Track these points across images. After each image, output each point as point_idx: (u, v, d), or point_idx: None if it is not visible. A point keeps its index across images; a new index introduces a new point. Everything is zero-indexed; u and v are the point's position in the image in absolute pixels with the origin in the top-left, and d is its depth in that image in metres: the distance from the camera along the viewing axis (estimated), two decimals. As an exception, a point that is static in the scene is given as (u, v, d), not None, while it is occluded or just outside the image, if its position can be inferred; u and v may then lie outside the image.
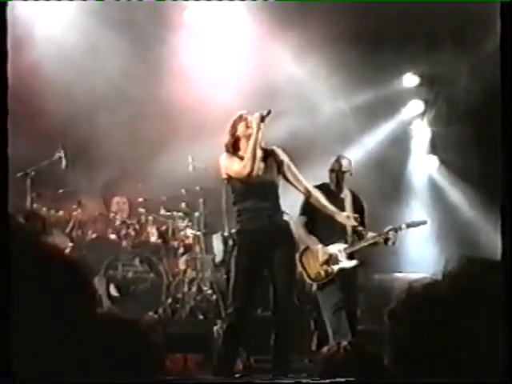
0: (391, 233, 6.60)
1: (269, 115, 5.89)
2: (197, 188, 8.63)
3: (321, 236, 6.67)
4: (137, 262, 8.45)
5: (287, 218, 6.08)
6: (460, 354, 1.42)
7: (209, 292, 8.35)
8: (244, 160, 5.87)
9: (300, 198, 6.58)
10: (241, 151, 5.96)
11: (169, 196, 9.10)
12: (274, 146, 6.13)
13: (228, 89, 9.05)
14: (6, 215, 1.41)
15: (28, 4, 8.54)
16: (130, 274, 8.37)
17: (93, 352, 1.37)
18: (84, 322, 1.35)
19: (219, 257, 8.86)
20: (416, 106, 10.61)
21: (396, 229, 6.65)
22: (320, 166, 7.23)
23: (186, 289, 8.39)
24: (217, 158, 6.06)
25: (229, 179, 6.02)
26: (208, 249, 8.96)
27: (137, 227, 8.93)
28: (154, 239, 9.09)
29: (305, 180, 6.16)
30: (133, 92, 8.98)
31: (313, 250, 6.68)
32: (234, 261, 5.93)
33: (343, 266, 6.62)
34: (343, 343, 2.61)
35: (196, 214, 8.85)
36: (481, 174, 9.47)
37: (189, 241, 8.97)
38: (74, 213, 8.64)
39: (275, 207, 5.98)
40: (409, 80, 10.44)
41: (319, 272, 6.63)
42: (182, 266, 8.75)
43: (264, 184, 5.94)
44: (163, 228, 9.14)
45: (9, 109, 1.53)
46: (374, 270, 8.62)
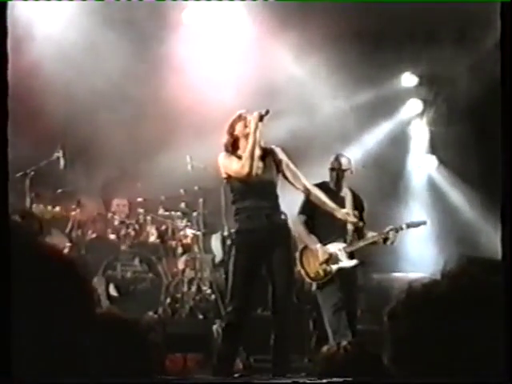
0: (391, 233, 6.60)
1: (267, 115, 5.89)
2: (196, 188, 8.62)
3: (320, 235, 6.67)
4: (136, 262, 8.44)
5: (286, 218, 6.08)
6: (460, 354, 1.42)
7: (208, 292, 8.34)
8: (242, 159, 5.86)
9: (299, 198, 6.58)
10: (240, 150, 5.96)
11: (168, 196, 9.09)
12: (273, 146, 6.13)
13: (227, 89, 9.04)
14: (6, 215, 1.41)
15: (28, 4, 8.54)
16: (129, 274, 8.36)
17: (92, 352, 1.37)
18: (83, 322, 1.35)
19: (219, 257, 8.86)
20: (415, 106, 10.62)
21: (397, 229, 6.65)
22: (320, 165, 7.22)
23: (186, 289, 8.38)
24: (216, 158, 6.06)
25: (228, 178, 6.02)
26: (207, 249, 8.96)
27: (136, 227, 8.92)
28: (154, 239, 9.08)
29: (304, 178, 6.16)
30: (132, 92, 8.97)
31: (312, 249, 6.67)
32: (233, 260, 5.93)
33: (343, 266, 6.62)
34: (343, 343, 2.61)
35: (195, 214, 8.84)
36: (480, 174, 9.47)
37: (188, 241, 8.96)
38: (73, 213, 8.62)
39: (274, 206, 5.97)
40: (408, 79, 10.44)
41: (318, 271, 6.63)
42: (181, 266, 8.75)
43: (263, 183, 5.94)
44: (162, 228, 9.13)
45: (8, 109, 1.52)
46: (373, 270, 8.62)
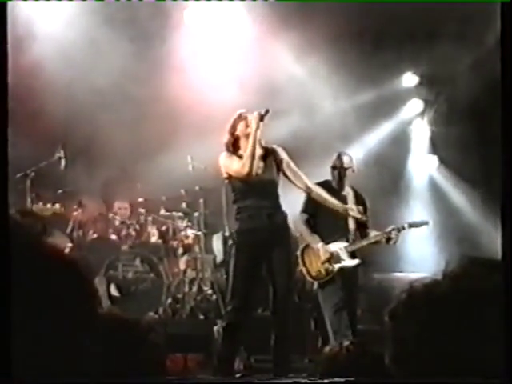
0: (394, 232, 6.59)
1: (267, 114, 5.88)
2: (196, 188, 8.62)
3: (322, 234, 6.65)
4: (137, 263, 8.44)
5: (286, 217, 6.07)
6: (460, 354, 1.42)
7: (209, 292, 8.34)
8: (243, 159, 5.86)
9: (300, 197, 6.58)
10: (241, 150, 5.95)
11: (169, 196, 9.09)
12: (274, 145, 6.13)
13: (228, 88, 9.04)
14: (7, 216, 1.41)
15: (28, 4, 8.54)
16: (131, 274, 8.36)
17: (93, 352, 1.37)
18: (84, 323, 1.35)
19: (220, 257, 8.85)
20: (416, 106, 10.61)
21: (399, 228, 6.63)
22: (320, 165, 7.22)
23: (187, 289, 8.38)
24: (216, 158, 6.06)
25: (229, 178, 6.02)
26: (208, 249, 8.95)
27: (137, 227, 8.92)
28: (155, 239, 9.08)
29: (305, 177, 6.15)
30: (133, 92, 8.96)
31: (314, 248, 6.66)
32: (233, 259, 5.93)
33: (345, 265, 6.61)
34: (345, 343, 2.60)
35: (196, 214, 8.84)
36: (481, 174, 9.47)
37: (189, 241, 8.96)
38: (75, 213, 8.61)
39: (275, 206, 5.97)
40: (409, 79, 10.43)
41: (320, 270, 6.61)
42: (183, 266, 8.74)
43: (264, 183, 5.93)
44: (163, 228, 9.13)
45: (9, 109, 1.52)
46: (374, 270, 8.60)
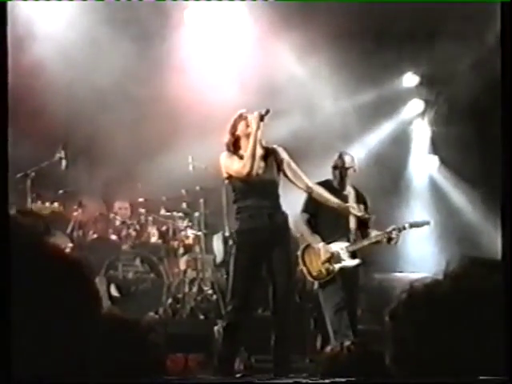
0: (394, 232, 6.58)
1: (268, 114, 5.88)
2: (197, 188, 8.62)
3: (323, 233, 6.64)
4: (137, 263, 8.43)
5: (287, 217, 6.06)
6: (461, 354, 1.42)
7: (209, 292, 8.33)
8: (244, 159, 5.85)
9: (300, 197, 6.57)
10: (241, 150, 5.95)
11: (169, 196, 9.09)
12: (275, 145, 6.12)
13: (229, 88, 9.04)
14: (7, 215, 1.41)
15: (29, 4, 8.54)
16: (131, 275, 8.35)
17: (93, 352, 1.37)
18: (85, 323, 1.35)
19: (220, 257, 8.85)
20: (416, 106, 10.61)
21: (400, 228, 6.62)
22: (321, 165, 7.22)
23: (187, 289, 8.37)
24: (217, 158, 6.06)
25: (229, 178, 6.02)
26: (208, 249, 8.95)
27: (137, 227, 8.92)
28: (155, 239, 9.07)
29: (306, 177, 6.15)
30: (133, 92, 8.96)
31: (314, 248, 6.65)
32: (233, 259, 5.92)
33: (345, 265, 6.60)
34: (346, 343, 2.60)
35: (196, 215, 8.84)
36: (482, 174, 9.46)
37: (189, 241, 8.96)
38: (75, 213, 8.61)
39: (275, 206, 5.97)
40: (410, 79, 10.43)
41: (321, 270, 6.60)
42: (183, 267, 8.74)
43: (264, 183, 5.93)
44: (164, 228, 9.13)
45: (9, 109, 1.52)
46: (375, 270, 8.60)
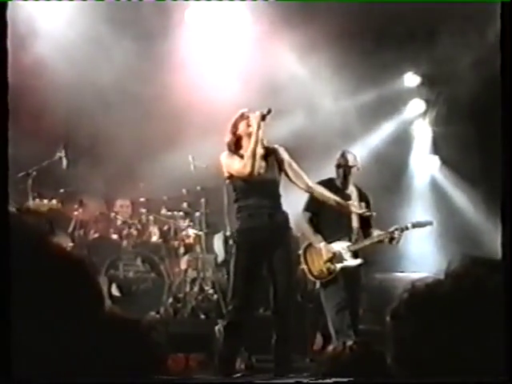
0: (397, 232, 6.56)
1: (269, 114, 5.87)
2: (198, 188, 8.61)
3: (325, 233, 6.61)
4: (138, 262, 8.43)
5: (287, 217, 6.05)
6: (461, 354, 1.42)
7: (210, 292, 8.33)
8: (244, 159, 5.85)
9: (301, 197, 6.57)
10: (242, 150, 5.94)
11: (170, 196, 9.09)
12: (276, 145, 6.11)
13: (230, 88, 9.04)
14: (7, 215, 1.41)
15: (29, 3, 8.54)
16: (132, 274, 8.35)
17: (94, 352, 1.37)
18: (85, 322, 1.35)
19: (221, 256, 8.85)
20: (417, 106, 10.61)
21: (402, 228, 6.61)
22: (323, 164, 7.21)
23: (188, 288, 8.37)
24: (218, 158, 6.05)
25: (230, 177, 6.01)
26: (209, 248, 8.95)
27: (138, 227, 8.92)
28: (156, 239, 9.07)
29: (306, 177, 6.14)
30: (134, 92, 8.96)
31: (316, 247, 6.64)
32: (234, 259, 5.92)
33: (347, 265, 6.59)
34: (349, 343, 2.59)
35: (197, 214, 8.84)
36: (482, 173, 9.46)
37: (190, 240, 8.96)
38: (76, 213, 8.61)
39: (276, 205, 5.96)
40: (410, 79, 10.43)
41: (322, 269, 6.58)
42: (184, 266, 8.74)
43: (265, 182, 5.92)
44: (165, 228, 9.13)
45: (10, 108, 1.52)
46: (376, 269, 8.59)
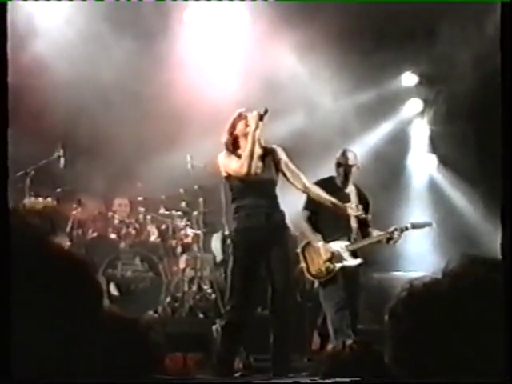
0: (396, 233, 6.56)
1: (266, 114, 5.86)
2: (196, 187, 8.61)
3: (324, 232, 6.60)
4: (137, 261, 8.43)
5: (284, 216, 6.04)
6: (460, 354, 1.42)
7: (208, 291, 8.33)
8: (242, 158, 5.85)
9: (299, 197, 6.56)
10: (240, 150, 5.94)
11: (168, 195, 9.09)
12: (274, 145, 6.11)
13: (229, 87, 9.04)
14: (7, 215, 1.41)
15: (28, 3, 8.53)
16: (130, 273, 8.36)
17: (92, 351, 1.37)
18: (84, 322, 1.35)
19: (219, 256, 8.85)
20: (416, 105, 10.61)
21: (402, 229, 6.61)
22: (321, 163, 7.20)
23: (186, 288, 8.37)
24: (216, 157, 6.05)
25: (227, 177, 6.01)
26: (207, 248, 8.95)
27: (136, 226, 8.92)
28: (154, 238, 9.07)
29: (304, 178, 6.13)
30: (133, 91, 8.96)
31: (315, 247, 6.63)
32: (232, 258, 5.92)
33: (347, 265, 6.58)
34: (348, 342, 2.60)
35: (195, 213, 8.84)
36: (481, 173, 9.46)
37: (188, 240, 8.96)
38: (74, 212, 8.61)
39: (273, 205, 5.95)
40: (409, 79, 10.43)
41: (321, 269, 6.57)
42: (182, 265, 8.73)
43: (262, 182, 5.92)
44: (163, 227, 9.12)
45: (9, 108, 1.52)
46: (374, 269, 8.59)
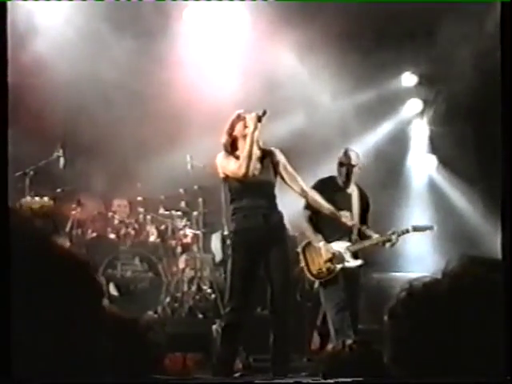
0: (394, 236, 6.56)
1: (265, 115, 5.86)
2: (195, 187, 8.61)
3: (325, 232, 6.59)
4: (136, 262, 8.44)
5: (282, 217, 6.04)
6: (460, 354, 1.42)
7: (208, 291, 8.33)
8: (240, 160, 5.85)
9: (299, 197, 6.55)
10: (238, 151, 5.93)
11: (168, 195, 9.09)
12: (273, 147, 6.11)
13: (228, 88, 9.04)
14: (7, 214, 1.41)
15: (28, 2, 8.53)
16: (129, 274, 8.36)
17: (92, 351, 1.37)
18: (83, 322, 1.35)
19: (218, 256, 8.85)
20: (415, 105, 10.60)
21: (403, 231, 6.61)
22: (320, 163, 7.20)
23: (186, 288, 8.37)
24: (216, 157, 6.05)
25: (226, 178, 6.01)
26: (207, 248, 8.95)
27: (136, 226, 8.92)
28: (154, 238, 9.06)
29: (301, 181, 6.13)
30: (133, 91, 8.96)
31: (316, 247, 6.62)
32: (231, 260, 5.93)
33: (348, 266, 6.57)
34: (348, 342, 2.59)
35: (195, 214, 8.84)
36: (480, 173, 9.46)
37: (188, 240, 8.96)
38: (73, 212, 8.61)
39: (271, 206, 5.95)
40: (408, 79, 10.43)
41: (321, 269, 6.57)
42: (181, 265, 8.74)
43: (260, 183, 5.91)
44: (162, 227, 9.12)
45: (9, 108, 1.52)
46: (374, 269, 8.59)
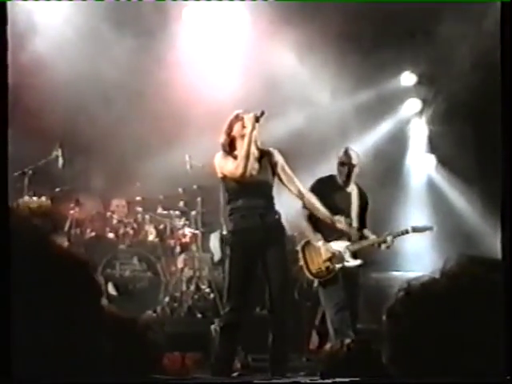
0: (389, 238, 6.56)
1: (263, 116, 5.86)
2: (194, 187, 8.62)
3: (324, 231, 6.57)
4: (135, 261, 8.43)
5: (279, 217, 6.03)
6: (459, 353, 1.42)
7: (207, 291, 8.34)
8: (238, 160, 5.85)
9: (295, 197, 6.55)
10: (236, 151, 5.93)
11: (166, 195, 9.09)
12: (271, 148, 6.10)
13: (227, 87, 9.04)
14: (7, 214, 1.41)
15: (28, 2, 8.53)
16: (128, 273, 8.36)
17: (91, 351, 1.37)
18: (82, 322, 1.35)
19: (217, 255, 8.85)
20: (414, 105, 10.61)
21: (402, 232, 6.61)
22: (319, 162, 7.20)
23: (184, 287, 8.38)
24: (214, 157, 6.05)
25: (223, 178, 6.01)
26: (205, 247, 8.95)
27: (135, 226, 8.92)
28: (152, 238, 9.06)
29: (299, 182, 6.14)
30: (132, 90, 8.97)
31: (315, 246, 6.62)
32: (228, 260, 5.93)
33: (347, 265, 6.57)
34: (346, 341, 2.59)
35: (193, 213, 8.84)
36: (479, 173, 9.47)
37: (186, 239, 8.96)
38: (72, 211, 8.60)
39: (268, 206, 5.94)
40: (408, 78, 10.43)
41: (321, 268, 6.57)
42: (180, 265, 8.74)
43: (258, 183, 5.91)
44: (161, 227, 9.12)
45: (9, 107, 1.52)
46: (372, 269, 8.58)
